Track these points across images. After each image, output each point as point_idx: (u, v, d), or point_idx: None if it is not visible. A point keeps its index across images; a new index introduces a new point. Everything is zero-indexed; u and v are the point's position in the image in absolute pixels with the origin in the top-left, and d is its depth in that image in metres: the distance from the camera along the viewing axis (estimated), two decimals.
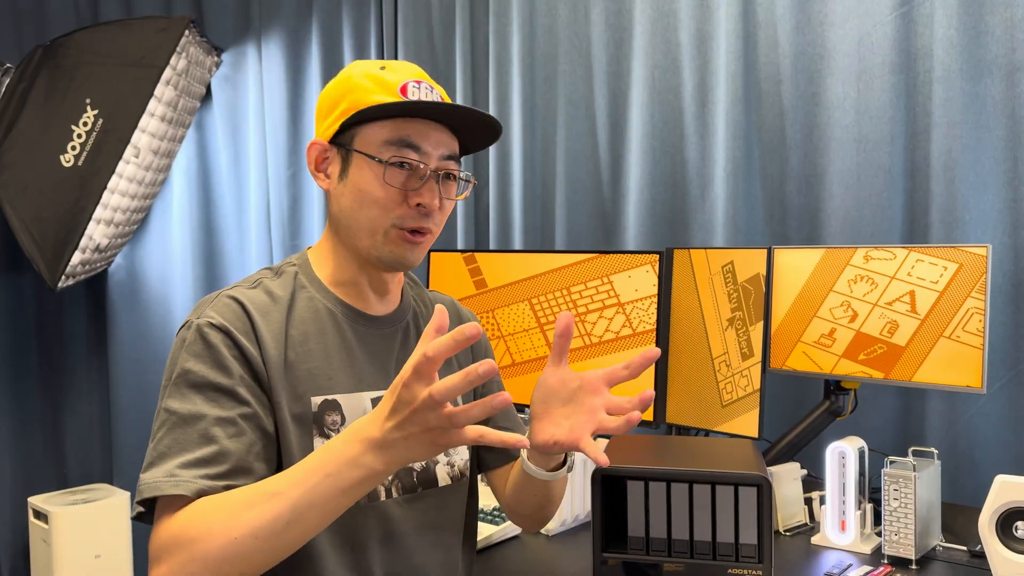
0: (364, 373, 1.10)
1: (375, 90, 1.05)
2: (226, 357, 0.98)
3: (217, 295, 1.05)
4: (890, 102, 1.93)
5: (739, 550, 1.23)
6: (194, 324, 1.00)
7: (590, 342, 1.92)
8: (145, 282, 3.06)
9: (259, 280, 1.08)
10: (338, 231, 1.10)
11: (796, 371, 1.79)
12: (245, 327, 1.01)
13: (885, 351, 1.67)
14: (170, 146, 2.77)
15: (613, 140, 2.35)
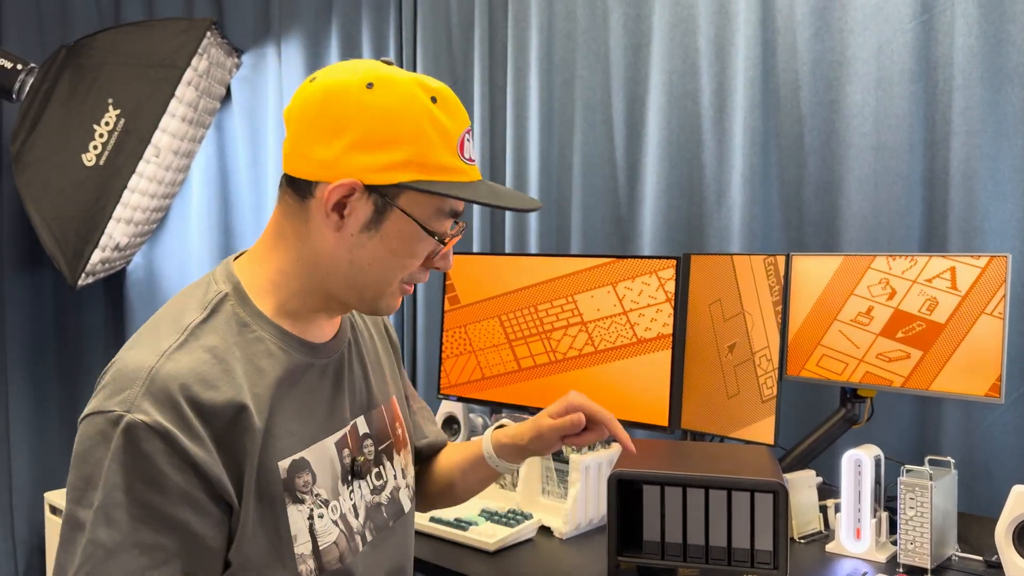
0: (322, 415, 0.97)
1: (439, 144, 0.90)
2: (163, 472, 0.80)
3: (141, 369, 0.83)
4: (909, 110, 1.93)
5: (754, 556, 1.23)
6: (124, 421, 0.80)
7: (597, 348, 1.92)
8: (163, 281, 3.09)
9: (188, 330, 0.88)
10: (312, 271, 0.93)
11: (813, 378, 1.79)
12: (187, 422, 0.82)
13: (904, 358, 1.67)
14: (190, 146, 2.80)
15: (630, 145, 2.35)
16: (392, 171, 0.88)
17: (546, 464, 1.69)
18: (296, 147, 0.91)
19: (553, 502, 1.67)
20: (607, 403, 1.89)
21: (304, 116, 0.90)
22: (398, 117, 0.88)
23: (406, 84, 0.90)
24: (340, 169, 0.88)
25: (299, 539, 0.91)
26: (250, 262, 0.96)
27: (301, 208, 0.92)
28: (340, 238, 0.91)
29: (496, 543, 1.52)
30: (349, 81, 0.89)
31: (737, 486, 1.24)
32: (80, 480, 0.81)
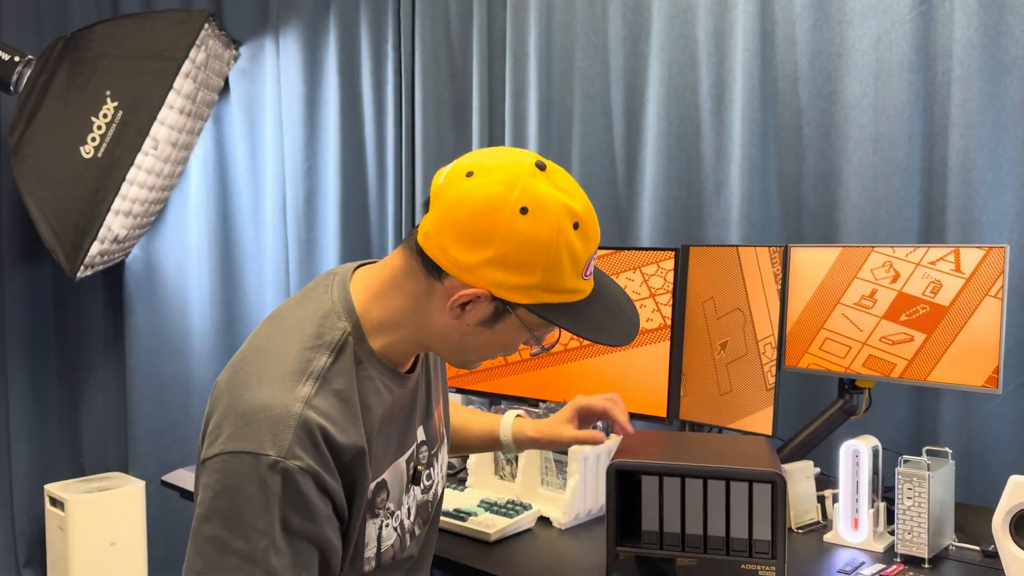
0: (401, 437, 1.09)
1: (568, 271, 0.96)
2: (315, 503, 0.93)
3: (288, 416, 0.92)
4: (908, 102, 1.93)
5: (752, 546, 1.24)
6: (281, 467, 0.90)
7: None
8: (162, 273, 3.09)
9: (321, 377, 0.96)
10: (420, 332, 1.02)
11: (811, 370, 1.79)
12: (327, 462, 0.94)
13: (907, 341, 1.67)
14: (188, 138, 2.79)
15: (629, 136, 2.35)
16: (520, 292, 0.96)
17: (545, 455, 1.69)
18: (437, 235, 0.96)
19: (552, 493, 1.67)
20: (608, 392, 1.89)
21: (452, 214, 0.95)
22: (540, 248, 0.94)
23: (555, 214, 0.95)
24: (474, 276, 0.95)
25: (369, 546, 1.04)
26: (367, 295, 1.03)
27: (426, 281, 0.99)
28: (457, 324, 1.00)
29: (496, 533, 1.53)
30: (505, 199, 0.94)
31: (735, 476, 1.24)
32: (233, 511, 0.90)
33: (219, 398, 0.97)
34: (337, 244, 2.86)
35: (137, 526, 2.95)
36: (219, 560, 0.90)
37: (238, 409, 0.93)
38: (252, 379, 0.95)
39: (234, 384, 0.96)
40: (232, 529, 0.90)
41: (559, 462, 1.68)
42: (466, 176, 0.96)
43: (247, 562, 0.90)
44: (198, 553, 0.92)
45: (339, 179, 2.85)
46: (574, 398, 1.35)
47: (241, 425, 0.92)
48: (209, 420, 0.98)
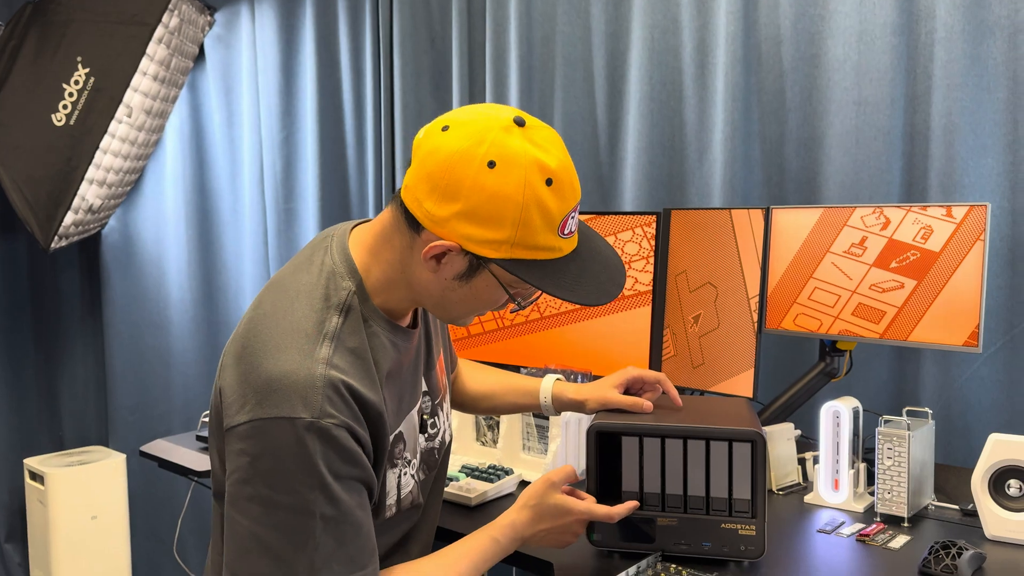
0: (409, 390, 1.12)
1: (541, 229, 0.97)
2: (354, 451, 0.97)
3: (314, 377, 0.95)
4: (891, 64, 1.91)
5: (732, 505, 1.24)
6: (318, 427, 0.93)
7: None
8: (139, 244, 3.05)
9: (335, 337, 0.99)
10: (413, 288, 1.05)
11: (792, 331, 1.79)
12: (356, 415, 0.98)
13: (898, 288, 1.66)
14: (163, 106, 2.74)
15: (611, 102, 2.32)
16: (489, 247, 0.97)
17: (526, 420, 1.68)
18: (414, 188, 0.98)
19: (533, 457, 1.67)
20: (589, 360, 1.89)
21: (426, 166, 0.97)
22: (507, 202, 0.95)
23: (524, 169, 0.95)
24: (446, 229, 0.97)
25: (390, 494, 1.09)
26: (365, 254, 1.05)
27: (409, 235, 1.01)
28: (435, 278, 1.02)
29: (476, 497, 1.52)
30: (474, 152, 0.95)
31: (715, 436, 1.24)
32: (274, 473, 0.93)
33: (233, 368, 0.99)
34: (316, 214, 2.83)
35: (118, 499, 2.93)
36: (267, 516, 0.93)
37: (260, 378, 0.95)
38: (269, 346, 0.97)
39: (249, 353, 0.98)
40: (276, 487, 0.93)
41: (540, 427, 1.67)
42: (441, 130, 0.98)
43: (300, 514, 0.93)
44: (243, 514, 0.95)
45: (317, 148, 2.81)
46: (626, 368, 1.37)
47: (268, 393, 0.94)
48: (223, 391, 1.00)
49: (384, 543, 1.13)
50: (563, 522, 1.17)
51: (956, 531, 1.38)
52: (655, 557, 1.23)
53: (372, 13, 2.71)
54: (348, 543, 0.96)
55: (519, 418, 1.69)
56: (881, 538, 1.35)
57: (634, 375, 1.36)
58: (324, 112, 2.80)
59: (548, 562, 1.28)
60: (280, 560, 0.93)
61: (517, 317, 2.00)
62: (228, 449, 0.97)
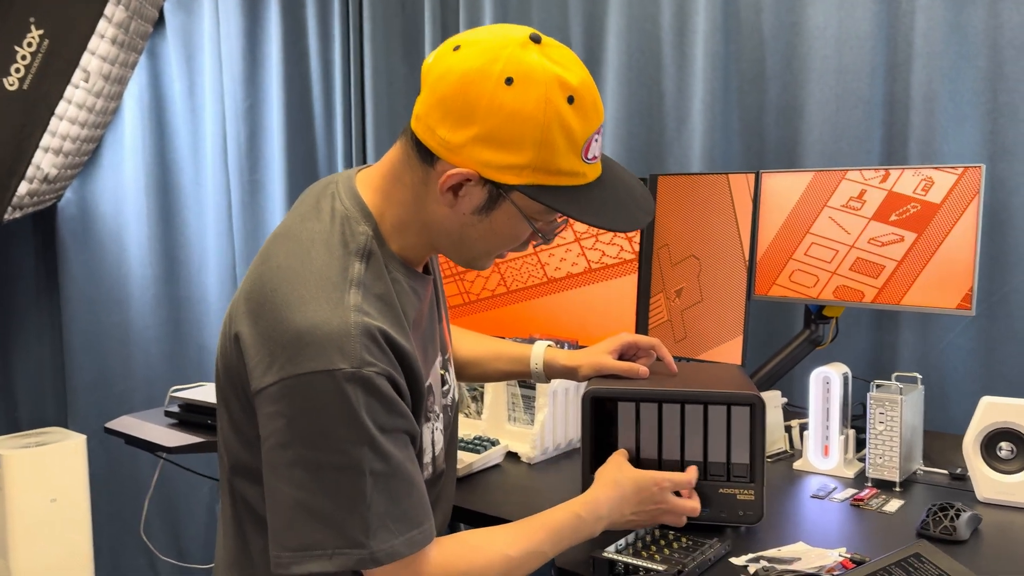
0: (431, 341, 1.07)
1: (564, 151, 0.90)
2: (396, 400, 0.92)
3: (347, 326, 0.88)
4: (871, 32, 1.90)
5: (731, 470, 1.22)
6: (358, 376, 0.87)
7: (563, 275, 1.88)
8: (97, 217, 2.94)
9: (360, 284, 0.93)
10: (428, 228, 0.98)
11: (782, 298, 1.77)
12: (394, 363, 0.92)
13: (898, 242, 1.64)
14: (121, 72, 2.63)
15: (588, 69, 2.27)
16: (510, 172, 0.90)
17: (512, 391, 1.65)
18: (426, 116, 0.92)
19: (520, 428, 1.64)
20: (575, 329, 1.86)
21: (437, 91, 0.90)
22: (528, 122, 0.88)
23: (544, 85, 0.88)
24: (462, 157, 0.90)
25: (426, 452, 1.04)
26: (376, 196, 0.99)
27: (422, 169, 0.94)
28: (453, 213, 0.95)
29: (463, 469, 1.49)
30: (489, 70, 0.88)
31: (714, 400, 1.22)
32: (316, 432, 0.87)
33: (252, 328, 0.92)
34: (283, 185, 2.75)
35: (79, 481, 2.84)
36: (312, 479, 0.88)
37: (288, 332, 0.88)
38: (292, 299, 0.90)
39: (270, 309, 0.91)
40: (320, 447, 0.87)
41: (527, 398, 1.64)
42: (453, 51, 0.91)
43: (348, 472, 0.88)
44: (285, 481, 0.89)
45: (283, 117, 2.72)
46: (619, 333, 1.33)
47: (300, 347, 0.87)
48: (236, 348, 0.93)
49: None
50: (649, 494, 1.12)
51: (946, 495, 1.39)
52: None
53: None
54: (402, 499, 0.91)
55: (504, 388, 1.66)
56: (875, 502, 1.35)
57: (628, 340, 1.32)
58: (290, 79, 2.72)
59: None
60: (332, 525, 0.87)
61: (499, 287, 1.96)
62: (260, 414, 0.91)
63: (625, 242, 1.83)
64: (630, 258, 1.81)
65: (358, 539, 0.87)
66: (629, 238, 1.81)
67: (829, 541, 1.19)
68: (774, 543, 1.18)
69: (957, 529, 1.17)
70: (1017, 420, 1.31)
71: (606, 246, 1.86)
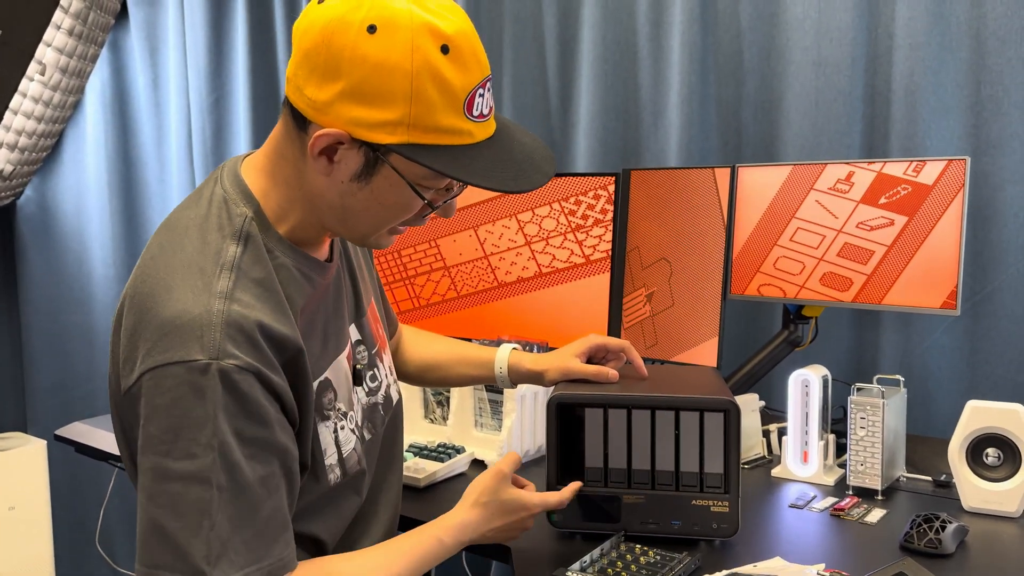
0: (333, 333, 0.99)
1: (440, 106, 0.82)
2: (263, 406, 0.83)
3: (210, 314, 0.81)
4: (851, 23, 1.85)
5: (704, 480, 1.15)
6: (215, 368, 0.79)
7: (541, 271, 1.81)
8: (58, 216, 2.84)
9: (234, 267, 0.85)
10: (313, 204, 0.90)
11: (759, 297, 1.71)
12: (267, 357, 0.84)
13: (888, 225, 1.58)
14: (80, 64, 2.54)
15: (563, 63, 2.22)
16: (382, 130, 0.82)
17: (479, 395, 1.58)
18: (294, 76, 0.85)
19: (486, 435, 1.57)
20: (545, 330, 1.79)
21: (301, 45, 0.84)
22: (394, 72, 0.81)
23: (411, 31, 0.81)
24: (330, 116, 0.83)
25: (328, 452, 0.96)
26: (260, 177, 0.92)
27: (299, 138, 0.87)
28: (331, 182, 0.87)
29: (426, 478, 1.42)
30: (350, 19, 0.81)
31: (685, 406, 1.15)
32: (167, 432, 0.79)
33: (123, 322, 0.85)
34: None
35: (39, 488, 2.75)
36: (160, 492, 0.79)
37: (151, 324, 0.81)
38: (158, 288, 0.83)
39: (139, 301, 0.84)
40: (169, 452, 0.79)
41: (494, 403, 1.57)
42: (318, 3, 0.84)
43: (195, 483, 0.78)
44: (142, 491, 0.81)
45: (250, 112, 2.64)
46: (587, 335, 1.26)
47: (159, 338, 0.80)
48: (117, 351, 0.86)
49: (334, 526, 1.01)
50: (516, 518, 1.07)
51: (931, 503, 1.33)
52: (618, 537, 1.14)
53: None
54: (244, 526, 0.81)
55: (471, 392, 1.59)
56: (856, 512, 1.28)
57: (597, 343, 1.25)
58: (257, 72, 2.63)
59: (505, 546, 1.17)
60: (176, 547, 0.79)
61: (465, 286, 1.89)
62: (126, 417, 0.84)
63: (575, 246, 1.77)
64: (603, 256, 1.74)
65: (199, 568, 0.78)
66: (580, 241, 1.75)
67: (808, 555, 1.12)
68: (749, 558, 1.11)
69: (943, 542, 1.11)
70: (1004, 425, 1.26)
71: (556, 250, 1.80)
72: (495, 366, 1.29)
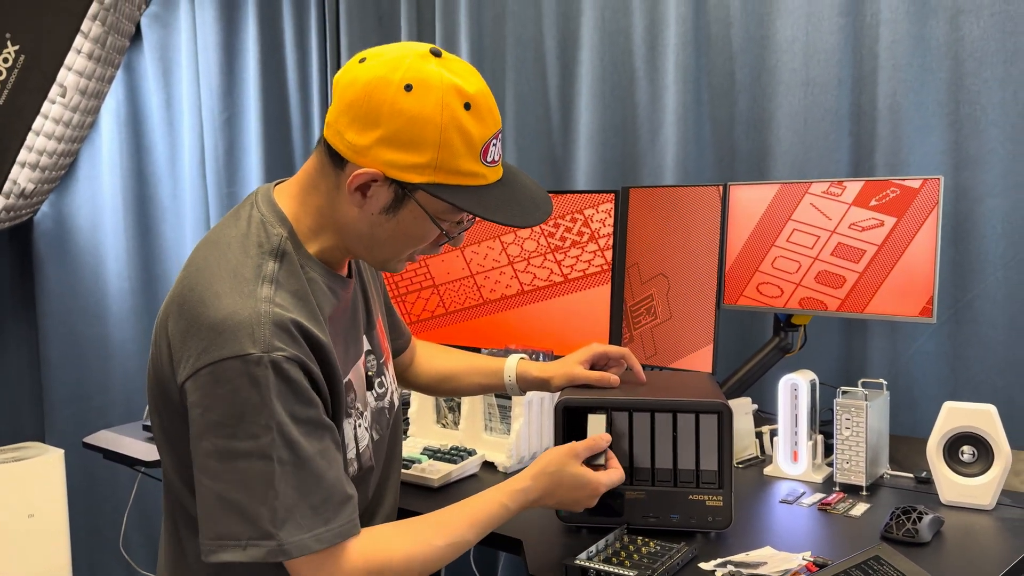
0: (352, 340, 1.11)
1: (463, 154, 0.97)
2: (308, 390, 0.95)
3: (258, 314, 0.93)
4: (838, 45, 1.94)
5: (700, 476, 1.24)
6: (268, 360, 0.91)
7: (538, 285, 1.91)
8: (74, 231, 2.93)
9: (274, 280, 0.97)
10: (341, 231, 1.03)
11: (750, 307, 1.81)
12: (307, 352, 0.96)
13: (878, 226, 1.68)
14: (98, 86, 2.64)
15: (563, 83, 2.31)
16: (413, 171, 0.96)
17: (488, 400, 1.67)
18: (335, 122, 0.98)
19: (496, 438, 1.66)
20: (550, 340, 1.88)
21: (344, 97, 0.97)
22: (427, 124, 0.95)
23: (441, 91, 0.95)
24: (368, 158, 0.96)
25: (349, 447, 1.07)
26: (292, 203, 1.04)
27: (335, 174, 1.00)
28: (362, 214, 1.00)
29: (440, 479, 1.51)
30: (390, 78, 0.95)
31: (682, 408, 1.25)
32: (230, 418, 0.91)
33: (175, 326, 0.96)
34: None
35: (57, 497, 2.82)
36: (225, 469, 0.91)
37: (204, 325, 0.93)
38: (207, 295, 0.95)
39: (189, 306, 0.95)
40: (232, 436, 0.91)
41: (503, 408, 1.66)
42: (359, 63, 0.99)
43: (258, 459, 0.90)
44: (204, 472, 0.92)
45: (261, 130, 2.74)
46: (590, 344, 1.37)
47: (213, 337, 0.92)
48: (162, 353, 0.97)
49: None
50: (579, 494, 1.14)
51: (912, 498, 1.42)
52: (621, 530, 1.23)
53: None
54: (311, 493, 0.93)
55: (480, 399, 1.68)
56: (842, 507, 1.38)
57: (599, 351, 1.35)
58: (268, 92, 2.73)
59: (517, 539, 1.27)
60: (244, 516, 0.90)
61: (474, 298, 1.98)
62: (187, 407, 0.95)
63: (555, 265, 1.88)
64: (604, 268, 1.84)
65: (267, 530, 0.90)
66: (558, 261, 1.84)
67: (796, 545, 1.22)
68: (742, 548, 1.21)
69: (919, 532, 1.20)
70: (978, 424, 1.35)
71: (538, 269, 1.92)
72: (504, 375, 1.39)
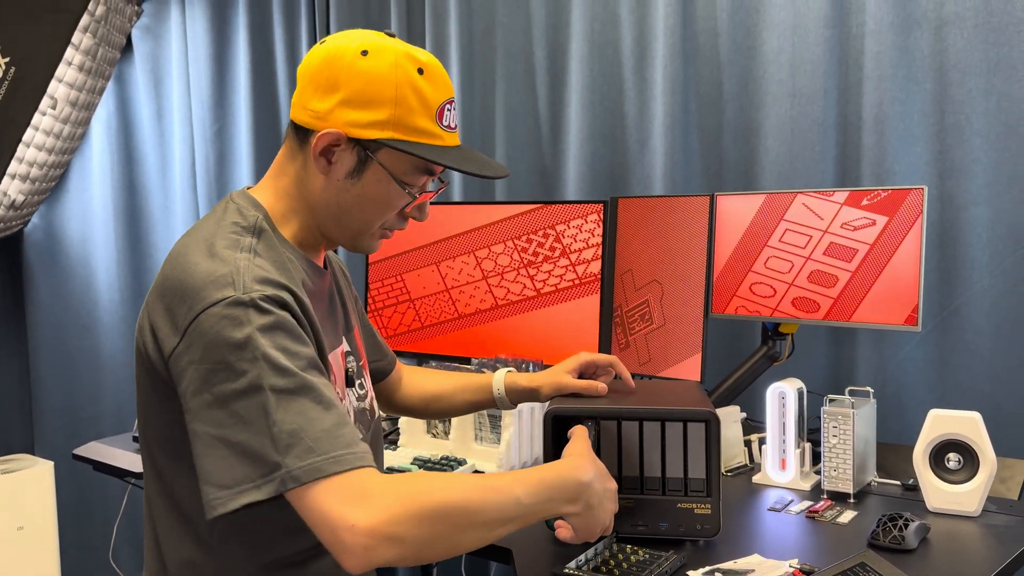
0: (329, 329, 1.11)
1: (419, 111, 1.02)
2: (295, 327, 0.94)
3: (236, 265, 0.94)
4: (823, 56, 1.97)
5: (688, 485, 1.25)
6: (248, 299, 0.90)
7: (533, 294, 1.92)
8: (64, 243, 2.93)
9: (250, 248, 0.98)
10: (312, 208, 1.06)
11: (738, 316, 1.82)
12: (287, 302, 0.95)
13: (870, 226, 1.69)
14: (89, 98, 2.64)
15: (552, 94, 2.33)
16: (373, 128, 1.01)
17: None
18: (300, 98, 1.05)
19: (486, 448, 1.66)
20: (539, 349, 1.89)
21: (307, 72, 1.04)
22: (383, 82, 1.01)
23: (395, 54, 1.02)
24: (330, 121, 1.02)
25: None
26: (263, 192, 1.08)
27: (300, 152, 1.05)
28: (328, 182, 1.04)
29: None
30: (347, 47, 1.02)
31: (670, 417, 1.25)
32: (217, 364, 0.89)
33: (157, 304, 0.97)
34: None
35: (46, 509, 2.81)
36: (223, 414, 0.88)
37: (186, 291, 0.93)
38: (187, 267, 0.95)
39: (170, 284, 0.96)
40: (224, 380, 0.89)
41: (493, 417, 1.67)
42: (319, 45, 1.06)
43: (250, 394, 0.88)
44: (201, 422, 0.90)
45: (252, 141, 2.74)
46: (578, 353, 1.37)
47: (195, 294, 0.92)
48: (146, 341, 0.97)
49: None
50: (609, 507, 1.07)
51: (899, 505, 1.43)
52: (610, 539, 1.24)
53: (308, 1, 2.66)
54: (319, 419, 0.89)
55: None
56: (829, 514, 1.38)
57: (587, 360, 1.36)
58: (259, 103, 2.74)
59: (507, 548, 1.27)
60: (252, 455, 0.86)
61: (467, 306, 1.99)
62: (177, 377, 0.93)
63: (528, 280, 1.90)
64: (593, 278, 1.85)
65: (274, 460, 0.86)
66: (531, 276, 1.86)
67: (783, 552, 1.22)
68: (730, 556, 1.21)
69: (905, 538, 1.21)
70: (963, 432, 1.36)
71: (511, 284, 1.94)
72: (493, 388, 1.38)
